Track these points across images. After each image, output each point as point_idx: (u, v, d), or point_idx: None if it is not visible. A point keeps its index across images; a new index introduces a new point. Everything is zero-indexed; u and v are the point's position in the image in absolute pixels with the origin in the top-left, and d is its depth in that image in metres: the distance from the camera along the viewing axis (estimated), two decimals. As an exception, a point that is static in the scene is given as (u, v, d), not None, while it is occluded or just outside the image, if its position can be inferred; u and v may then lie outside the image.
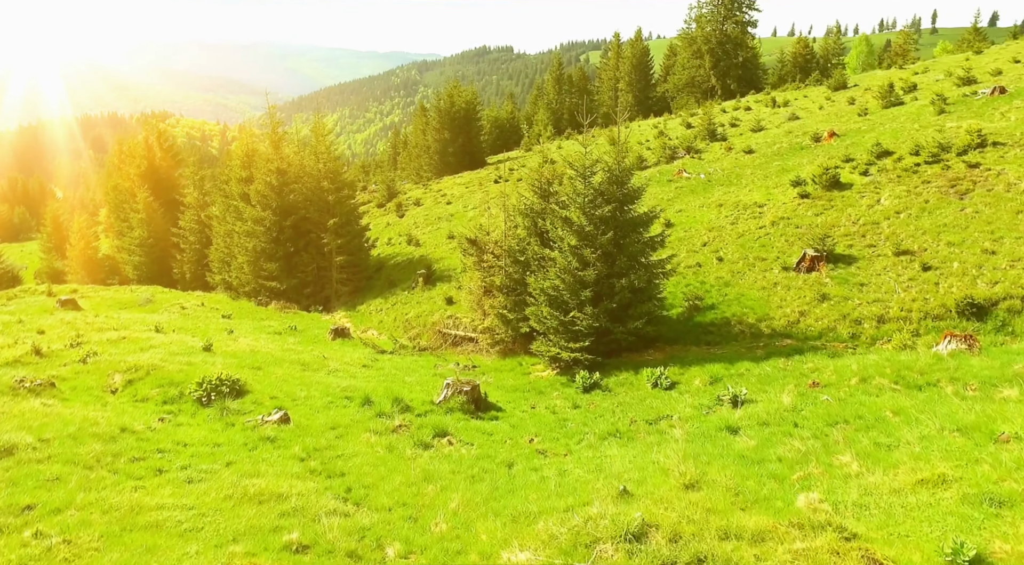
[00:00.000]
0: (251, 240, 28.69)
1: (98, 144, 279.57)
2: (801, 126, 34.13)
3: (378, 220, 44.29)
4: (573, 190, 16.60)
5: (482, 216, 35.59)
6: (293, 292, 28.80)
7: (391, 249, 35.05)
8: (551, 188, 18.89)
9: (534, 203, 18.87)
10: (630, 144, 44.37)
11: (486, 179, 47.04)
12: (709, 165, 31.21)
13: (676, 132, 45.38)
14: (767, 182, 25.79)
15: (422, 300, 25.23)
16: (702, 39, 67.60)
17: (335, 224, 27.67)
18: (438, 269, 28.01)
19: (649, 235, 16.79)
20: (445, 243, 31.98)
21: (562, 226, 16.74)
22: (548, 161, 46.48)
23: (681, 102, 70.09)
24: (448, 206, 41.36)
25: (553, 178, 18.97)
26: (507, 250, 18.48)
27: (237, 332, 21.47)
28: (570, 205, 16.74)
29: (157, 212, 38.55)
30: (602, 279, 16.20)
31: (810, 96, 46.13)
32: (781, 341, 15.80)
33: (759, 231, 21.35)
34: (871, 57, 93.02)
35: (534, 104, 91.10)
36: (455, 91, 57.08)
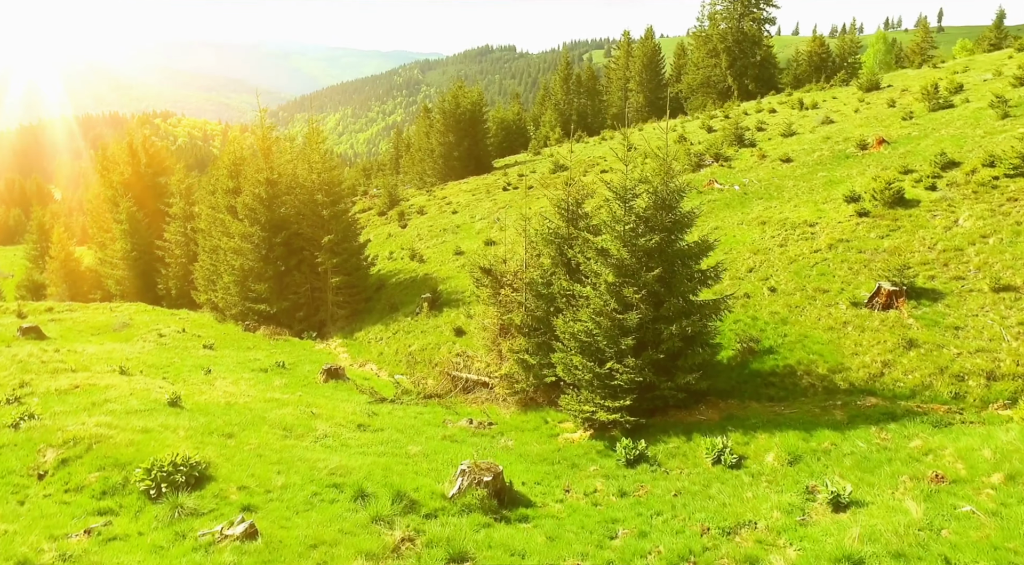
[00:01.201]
0: (238, 258, 25.99)
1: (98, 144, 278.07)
2: (839, 131, 31.30)
3: (379, 230, 41.57)
4: (611, 216, 13.83)
5: (491, 229, 32.88)
6: (284, 315, 26.10)
7: (393, 264, 32.32)
8: (579, 209, 16.12)
9: (560, 227, 16.12)
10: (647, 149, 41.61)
11: (494, 186, 44.29)
12: (742, 175, 28.41)
13: (697, 136, 42.57)
14: (814, 196, 22.99)
15: (427, 329, 22.48)
16: (718, 37, 64.74)
17: (330, 242, 24.94)
18: (444, 291, 25.26)
19: (700, 268, 14.00)
20: (452, 259, 29.24)
21: (596, 258, 13.97)
22: (560, 167, 43.77)
23: (696, 103, 67.25)
24: (454, 216, 38.61)
25: (582, 197, 16.19)
26: (528, 283, 15.73)
27: (216, 371, 18.76)
28: (606, 233, 13.96)
29: (141, 223, 35.88)
30: (646, 324, 13.43)
31: (839, 97, 43.27)
32: (863, 399, 13.01)
33: (814, 256, 18.55)
34: (888, 55, 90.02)
35: (541, 104, 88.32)
36: (460, 92, 54.35)
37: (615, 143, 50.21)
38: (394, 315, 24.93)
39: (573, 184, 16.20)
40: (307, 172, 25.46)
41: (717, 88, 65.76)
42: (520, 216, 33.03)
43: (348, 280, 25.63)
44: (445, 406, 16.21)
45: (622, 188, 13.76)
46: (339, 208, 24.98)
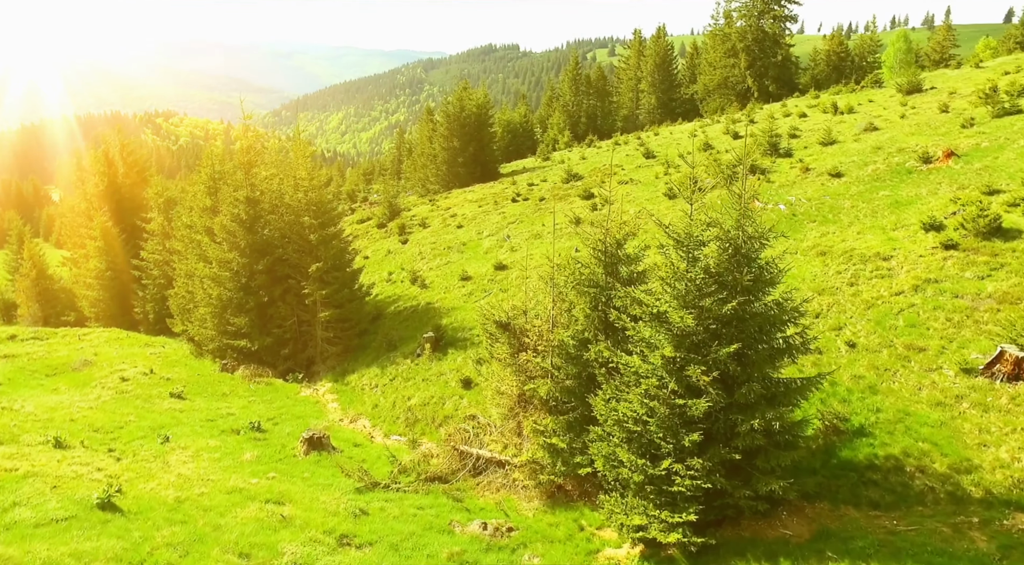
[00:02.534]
0: (215, 286, 22.85)
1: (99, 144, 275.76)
2: (890, 140, 28.02)
3: (378, 245, 38.40)
4: (671, 271, 10.59)
5: (500, 248, 29.70)
6: (268, 353, 22.95)
7: (392, 289, 29.14)
8: (621, 251, 12.90)
9: (596, 275, 12.89)
10: (669, 156, 38.44)
11: (502, 196, 41.08)
12: (785, 191, 25.15)
13: (722, 143, 39.28)
14: (879, 221, 19.73)
15: (430, 377, 19.29)
16: (736, 36, 61.36)
17: (319, 270, 21.77)
18: (449, 326, 22.08)
19: (785, 335, 10.76)
20: (457, 286, 26.05)
21: (650, 323, 10.75)
22: (573, 176, 40.53)
23: (713, 105, 63.93)
24: (459, 231, 35.41)
25: (624, 237, 12.97)
26: (557, 346, 12.52)
27: (177, 437, 15.62)
28: (663, 291, 10.75)
29: (117, 239, 32.77)
30: (716, 412, 10.23)
31: (877, 101, 39.95)
32: (1011, 517, 9.79)
33: (897, 300, 15.30)
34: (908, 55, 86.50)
35: (548, 106, 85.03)
36: (464, 94, 51.13)
37: (631, 149, 47.00)
38: (392, 355, 21.74)
39: (610, 219, 12.95)
40: (292, 189, 22.29)
41: (735, 89, 62.42)
42: (532, 234, 29.82)
43: (340, 313, 22.46)
44: (452, 495, 13.01)
45: (684, 234, 10.52)
46: (329, 232, 21.79)
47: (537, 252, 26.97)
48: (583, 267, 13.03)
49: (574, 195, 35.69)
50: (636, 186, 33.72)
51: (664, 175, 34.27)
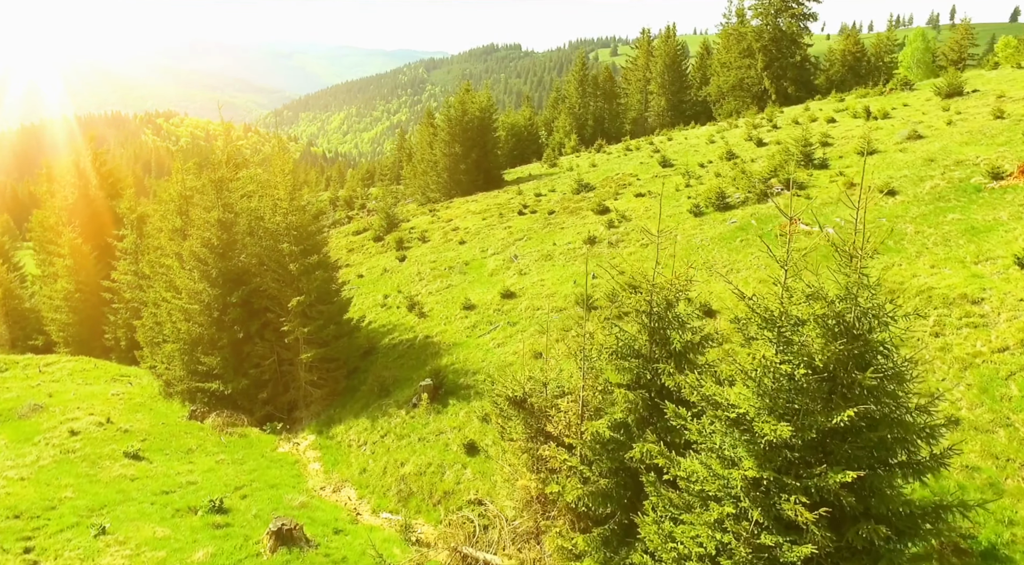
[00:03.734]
0: (184, 321, 20.01)
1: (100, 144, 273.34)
2: (943, 151, 25.08)
3: (374, 261, 35.54)
4: (758, 363, 7.65)
5: (507, 270, 26.82)
6: (243, 397, 20.10)
7: (387, 316, 26.28)
8: (670, 313, 9.99)
9: (639, 343, 9.99)
10: (689, 166, 35.52)
11: (507, 207, 38.20)
12: (830, 210, 22.23)
13: (744, 150, 36.37)
14: (956, 252, 16.81)
15: (427, 435, 16.41)
16: (753, 35, 58.39)
17: (301, 305, 18.92)
18: (450, 369, 19.22)
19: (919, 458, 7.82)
20: (459, 316, 23.17)
21: (725, 430, 7.85)
22: (584, 186, 37.63)
23: (727, 107, 60.99)
24: (461, 247, 32.54)
25: (675, 295, 10.07)
26: (590, 439, 9.61)
27: (117, 524, 12.77)
28: (744, 385, 7.83)
29: (88, 258, 29.98)
30: (820, 559, 7.33)
31: (912, 104, 37.00)
32: None
33: (1002, 359, 12.40)
34: (927, 55, 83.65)
35: (553, 108, 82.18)
36: (467, 97, 48.23)
37: (644, 155, 44.10)
38: (384, 403, 18.86)
39: (657, 270, 10.08)
40: (271, 211, 19.43)
41: (751, 91, 59.48)
42: (542, 254, 26.90)
43: (326, 352, 19.60)
44: (452, 624, 10.13)
45: (777, 312, 7.61)
46: (311, 261, 18.91)
47: (549, 277, 24.12)
48: (621, 332, 10.12)
49: (586, 208, 32.81)
50: (655, 199, 30.81)
51: (685, 187, 31.38)
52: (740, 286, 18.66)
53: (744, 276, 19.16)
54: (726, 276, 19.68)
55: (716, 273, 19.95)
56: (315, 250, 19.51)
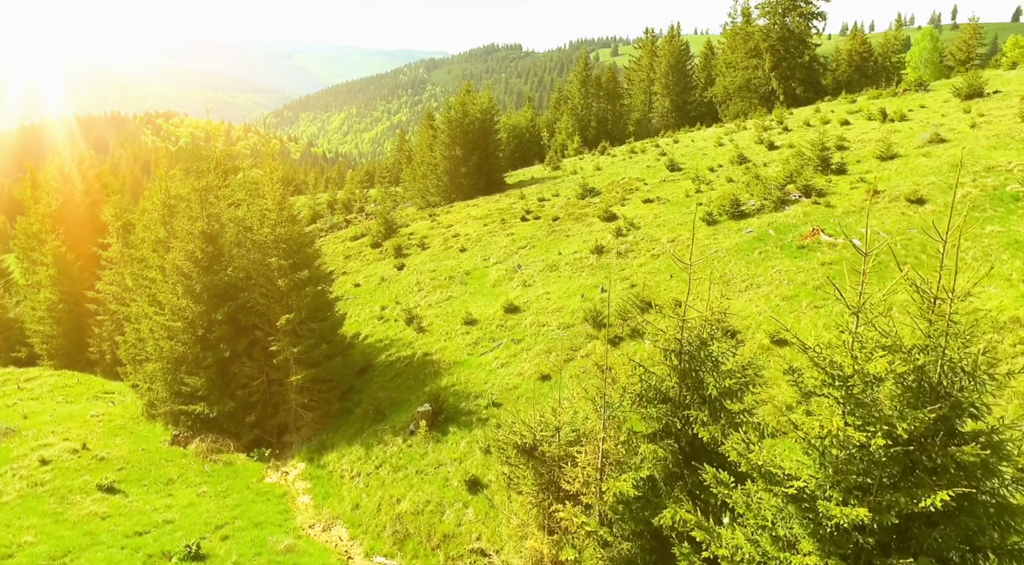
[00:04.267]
0: (166, 339, 18.75)
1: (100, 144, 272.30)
2: (970, 156, 23.78)
3: (371, 269, 34.26)
4: (823, 430, 6.31)
5: (510, 280, 25.53)
6: (230, 420, 18.82)
7: (384, 329, 24.99)
8: (703, 352, 8.68)
9: (667, 386, 8.69)
10: (698, 170, 34.24)
11: (509, 213, 36.92)
12: (853, 220, 20.92)
13: (756, 153, 35.08)
14: (1001, 269, 15.53)
15: (425, 468, 15.13)
16: (760, 35, 57.08)
17: (290, 323, 17.65)
18: (450, 391, 17.95)
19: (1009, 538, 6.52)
20: (460, 332, 21.87)
21: (779, 505, 6.54)
22: (589, 191, 36.35)
23: (734, 108, 59.68)
24: (462, 255, 31.25)
25: (710, 333, 8.75)
26: (612, 499, 8.29)
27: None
28: (805, 453, 6.51)
29: (72, 267, 28.71)
30: None
31: (930, 105, 35.70)
32: None
33: (1066, 394, 11.12)
34: (934, 54, 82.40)
35: (555, 109, 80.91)
36: (468, 98, 46.94)
37: (650, 158, 42.81)
38: (379, 428, 17.58)
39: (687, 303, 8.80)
40: (258, 223, 18.14)
41: (758, 92, 58.17)
42: (547, 264, 25.61)
43: (317, 373, 18.32)
44: None
45: (846, 368, 6.27)
46: (302, 276, 17.60)
47: (555, 290, 22.84)
48: (647, 373, 8.82)
49: (592, 215, 31.52)
50: (664, 206, 29.52)
51: (696, 192, 30.09)
52: (762, 303, 17.40)
53: (765, 292, 17.87)
54: (746, 291, 18.40)
55: (735, 289, 18.67)
56: (306, 264, 18.20)
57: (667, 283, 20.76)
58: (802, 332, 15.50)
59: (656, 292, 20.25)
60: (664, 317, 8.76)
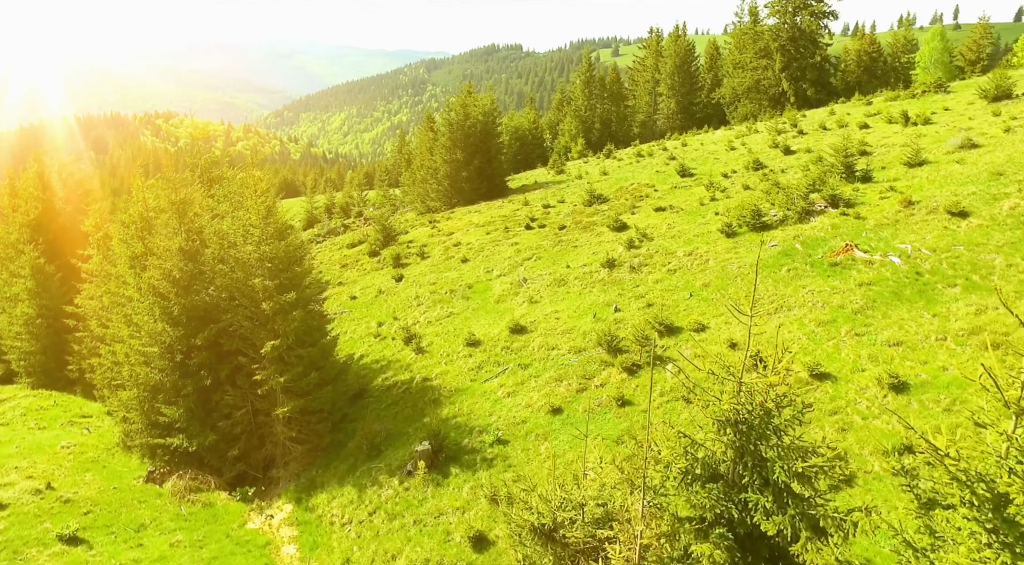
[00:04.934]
0: (142, 365, 17.17)
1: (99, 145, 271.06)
2: (1009, 162, 22.17)
3: (369, 279, 32.66)
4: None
5: (515, 295, 23.93)
6: (211, 453, 17.23)
7: (380, 348, 23.39)
8: (769, 425, 7.02)
9: (720, 462, 7.06)
10: (711, 176, 32.63)
11: (513, 220, 35.32)
12: (890, 234, 19.28)
13: (771, 159, 33.46)
14: (1065, 293, 13.92)
15: (424, 517, 13.52)
16: (770, 35, 55.47)
17: (276, 350, 16.06)
18: (452, 424, 16.36)
19: None
20: (462, 354, 20.26)
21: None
22: (597, 198, 34.74)
23: (743, 110, 58.06)
24: (464, 266, 29.65)
25: (776, 401, 7.11)
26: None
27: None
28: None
29: (52, 280, 27.12)
30: None
31: (953, 108, 34.07)
32: None
33: None
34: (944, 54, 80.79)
35: (558, 110, 79.25)
36: (469, 100, 45.34)
37: (659, 162, 41.20)
38: (374, 467, 15.97)
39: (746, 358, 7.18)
40: (241, 239, 16.53)
41: (768, 93, 56.54)
42: (554, 278, 23.98)
43: (307, 404, 16.73)
44: None
45: (998, 484, 4.63)
46: (288, 299, 16.00)
47: (564, 308, 21.22)
48: (693, 445, 7.19)
49: (601, 223, 29.92)
50: (678, 215, 27.91)
51: (711, 200, 28.48)
52: (795, 329, 15.78)
53: (798, 315, 16.26)
54: (776, 314, 16.79)
55: (763, 311, 17.06)
56: (294, 283, 16.59)
57: (686, 303, 19.14)
58: (842, 364, 13.92)
59: (675, 313, 18.65)
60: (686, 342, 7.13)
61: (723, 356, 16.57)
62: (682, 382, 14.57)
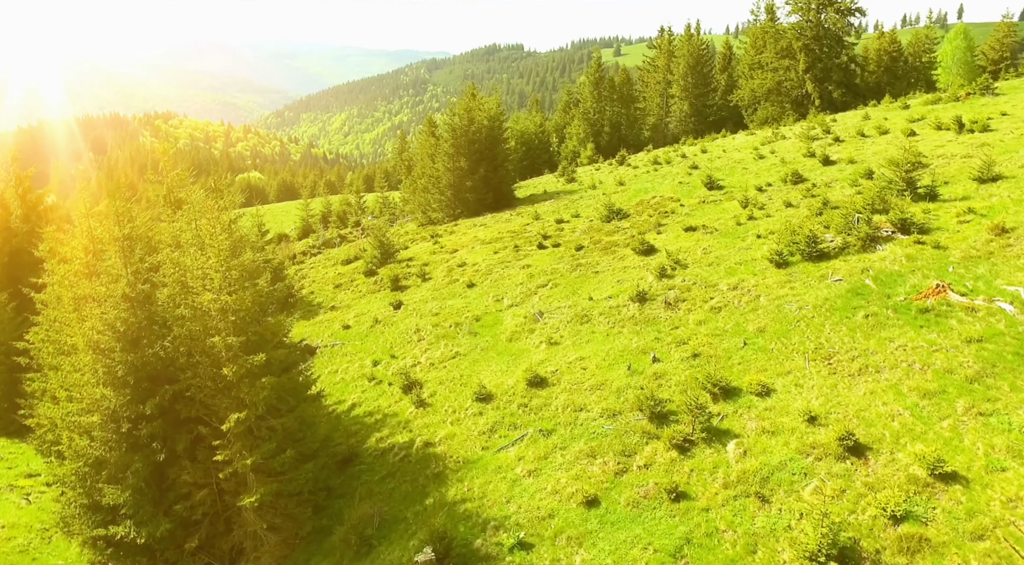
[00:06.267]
0: (80, 436, 14.01)
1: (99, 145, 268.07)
2: (1110, 183, 18.94)
3: (364, 304, 29.47)
4: None
5: (530, 333, 20.79)
6: (166, 544, 14.07)
7: (375, 397, 20.18)
8: None
9: None
10: (744, 189, 29.44)
11: (523, 236, 32.16)
12: (986, 270, 16.04)
13: (809, 169, 30.22)
14: None
15: (425, 665, 10.29)
16: (793, 33, 52.24)
17: (242, 424, 12.89)
18: (459, 512, 13.17)
19: None
20: (471, 412, 17.06)
21: None
22: (616, 213, 31.55)
23: (763, 114, 54.83)
24: (469, 292, 26.47)
25: None
26: None
27: None
28: None
29: (3, 310, 24.05)
30: None
31: (1013, 113, 30.84)
32: None
33: None
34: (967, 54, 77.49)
35: (565, 112, 76.17)
36: (474, 104, 42.17)
37: (680, 170, 38.01)
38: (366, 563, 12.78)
39: None
40: (199, 283, 13.31)
41: (790, 95, 53.32)
42: (576, 314, 20.77)
43: (282, 486, 13.54)
44: None
45: None
46: (257, 361, 12.77)
47: (591, 354, 18.01)
48: None
49: (623, 244, 26.74)
50: (712, 236, 24.71)
51: (748, 219, 25.28)
52: (891, 400, 12.55)
53: (891, 381, 13.04)
54: (860, 377, 13.56)
55: (843, 372, 13.83)
56: (266, 339, 13.37)
57: (740, 354, 15.93)
58: (970, 458, 10.71)
59: (729, 367, 15.44)
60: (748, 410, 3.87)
61: (801, 434, 13.05)
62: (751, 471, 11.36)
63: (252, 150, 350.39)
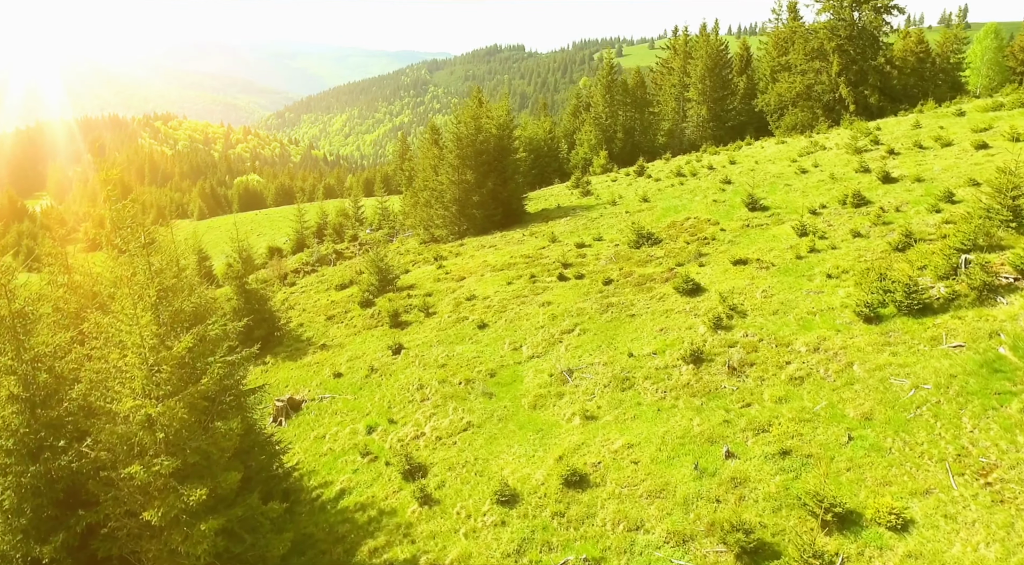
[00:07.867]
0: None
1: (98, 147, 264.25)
2: None
3: (358, 345, 25.63)
4: None
5: (558, 400, 16.98)
6: None
7: (368, 481, 16.31)
8: None
9: None
10: (796, 211, 25.62)
11: (538, 262, 28.35)
12: None
13: (867, 188, 26.35)
14: None
15: None
16: (825, 33, 48.35)
17: None
18: None
19: None
20: (491, 519, 13.20)
21: None
22: (645, 238, 27.67)
23: (790, 119, 50.95)
24: (481, 334, 22.64)
25: None
26: None
27: None
28: None
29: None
30: None
31: (1100, 126, 27.01)
32: None
33: None
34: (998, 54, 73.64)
35: (574, 117, 72.33)
36: (480, 112, 38.34)
37: (710, 184, 34.17)
38: None
39: None
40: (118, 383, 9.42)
41: (822, 100, 49.42)
42: (614, 374, 16.38)
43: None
44: None
45: None
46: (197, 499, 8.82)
47: (641, 440, 14.15)
48: None
49: (660, 278, 22.92)
50: (769, 273, 20.84)
51: (809, 252, 21.42)
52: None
53: (1092, 521, 9.18)
54: (1039, 509, 9.72)
55: (995, 494, 10.00)
56: (212, 463, 9.49)
57: (845, 453, 12.07)
58: None
59: (834, 473, 11.58)
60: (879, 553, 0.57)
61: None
62: None
63: (252, 152, 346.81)
